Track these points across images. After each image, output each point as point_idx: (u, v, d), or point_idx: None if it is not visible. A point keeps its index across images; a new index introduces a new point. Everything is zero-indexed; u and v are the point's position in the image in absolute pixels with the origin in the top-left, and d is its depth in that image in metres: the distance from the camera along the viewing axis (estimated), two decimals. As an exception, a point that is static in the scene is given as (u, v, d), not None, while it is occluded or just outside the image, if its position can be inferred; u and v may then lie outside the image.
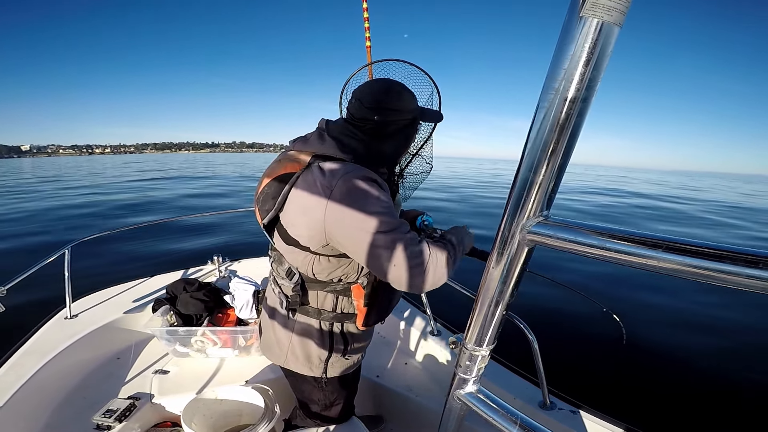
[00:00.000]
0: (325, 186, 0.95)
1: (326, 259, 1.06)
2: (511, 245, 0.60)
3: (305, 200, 0.99)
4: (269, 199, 1.06)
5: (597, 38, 0.45)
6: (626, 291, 5.36)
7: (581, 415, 1.46)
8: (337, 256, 1.06)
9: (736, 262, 0.41)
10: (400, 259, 0.91)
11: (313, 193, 0.97)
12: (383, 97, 1.07)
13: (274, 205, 1.04)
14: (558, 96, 0.49)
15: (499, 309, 0.67)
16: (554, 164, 0.53)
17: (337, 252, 1.04)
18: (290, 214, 1.03)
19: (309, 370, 1.23)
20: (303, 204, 0.99)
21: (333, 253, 1.05)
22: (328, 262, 1.07)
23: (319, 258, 1.06)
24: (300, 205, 1.00)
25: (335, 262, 1.07)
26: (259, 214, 1.12)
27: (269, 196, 1.06)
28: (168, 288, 2.25)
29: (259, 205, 1.10)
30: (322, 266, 1.07)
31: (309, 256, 1.06)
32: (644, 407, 3.00)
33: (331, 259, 1.06)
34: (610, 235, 0.50)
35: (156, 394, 1.75)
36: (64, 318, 2.09)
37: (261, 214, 1.11)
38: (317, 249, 1.04)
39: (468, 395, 0.78)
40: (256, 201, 1.12)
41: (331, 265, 1.08)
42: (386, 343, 2.28)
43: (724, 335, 4.26)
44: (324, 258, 1.06)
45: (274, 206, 1.04)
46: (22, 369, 1.63)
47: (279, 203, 1.03)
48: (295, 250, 1.07)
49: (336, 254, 1.05)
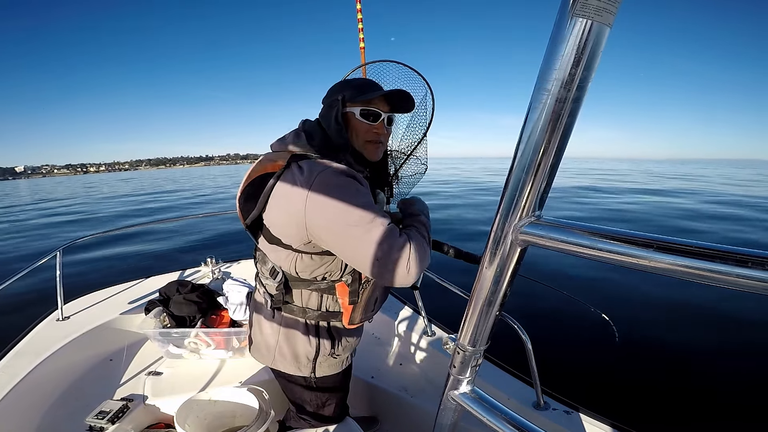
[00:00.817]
0: (304, 183, 0.96)
1: (309, 257, 1.06)
2: (504, 245, 0.60)
3: (286, 198, 0.99)
4: (251, 199, 1.06)
5: (587, 39, 0.45)
6: (618, 289, 5.39)
7: (575, 415, 1.46)
8: (319, 254, 1.06)
9: (726, 261, 0.41)
10: (381, 252, 0.91)
11: (293, 191, 0.97)
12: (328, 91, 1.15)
13: (256, 204, 1.05)
14: (549, 96, 0.49)
15: (492, 309, 0.68)
16: (546, 164, 0.53)
17: (319, 249, 1.04)
18: (272, 213, 1.04)
19: (297, 369, 1.22)
20: (284, 202, 1.00)
21: (315, 251, 1.05)
22: (311, 260, 1.07)
23: (302, 256, 1.06)
24: (281, 203, 1.01)
25: (318, 259, 1.07)
26: (242, 214, 1.12)
27: (251, 196, 1.06)
28: (161, 290, 2.24)
29: (241, 205, 1.11)
30: (305, 264, 1.07)
31: (291, 254, 1.06)
32: (638, 407, 3.02)
33: (314, 257, 1.06)
34: (602, 235, 0.51)
35: (149, 395, 1.74)
36: (56, 320, 2.07)
37: (243, 215, 1.11)
38: (299, 246, 1.04)
39: (462, 396, 0.78)
40: (238, 202, 1.13)
41: (314, 263, 1.08)
42: (381, 344, 2.28)
43: (718, 331, 4.29)
44: (306, 256, 1.06)
45: (255, 206, 1.05)
46: (14, 371, 1.62)
47: (261, 203, 1.04)
48: (278, 249, 1.07)
49: (318, 252, 1.05)
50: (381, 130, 1.14)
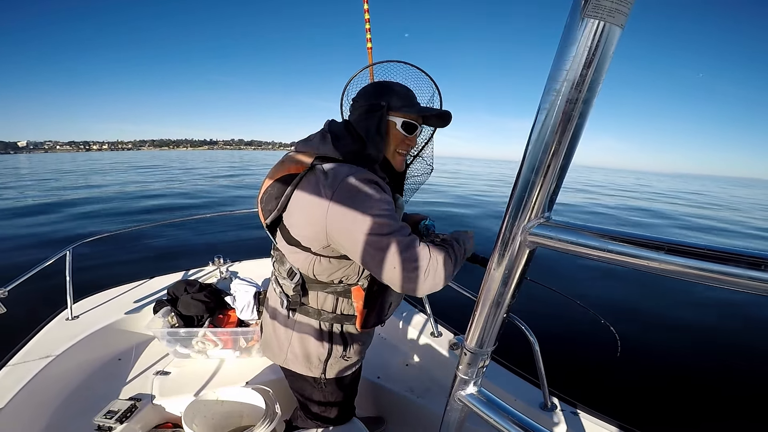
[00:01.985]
0: (327, 187, 0.96)
1: (327, 260, 1.06)
2: (512, 247, 0.60)
3: (307, 201, 0.99)
4: (272, 199, 1.07)
5: (599, 40, 0.45)
6: (625, 294, 5.35)
7: (582, 416, 1.46)
8: (337, 258, 1.06)
9: (738, 264, 0.41)
10: (399, 261, 0.91)
11: (315, 195, 0.97)
12: (362, 92, 1.13)
13: (277, 205, 1.05)
14: (559, 97, 0.49)
15: (500, 310, 0.67)
16: (556, 166, 0.53)
17: (337, 253, 1.05)
18: (293, 214, 1.04)
19: (308, 370, 1.23)
20: (305, 205, 1.00)
21: (334, 255, 1.05)
22: (329, 264, 1.07)
23: (320, 259, 1.06)
24: (302, 206, 1.01)
25: (336, 263, 1.07)
26: (262, 214, 1.13)
27: (272, 196, 1.07)
28: (169, 289, 2.25)
29: (263, 205, 1.11)
30: (323, 267, 1.08)
31: (310, 256, 1.06)
32: (645, 409, 2.99)
33: (332, 261, 1.07)
34: (612, 237, 0.50)
35: (157, 395, 1.75)
36: (66, 319, 2.09)
37: (264, 214, 1.12)
38: (318, 250, 1.04)
39: (469, 396, 0.77)
40: (259, 201, 1.13)
41: (331, 267, 1.08)
42: (387, 345, 2.27)
43: (723, 335, 4.25)
44: (325, 259, 1.06)
45: (276, 206, 1.06)
46: (24, 370, 1.63)
47: (282, 204, 1.04)
48: (297, 251, 1.07)
49: (337, 256, 1.06)
50: (414, 142, 1.16)
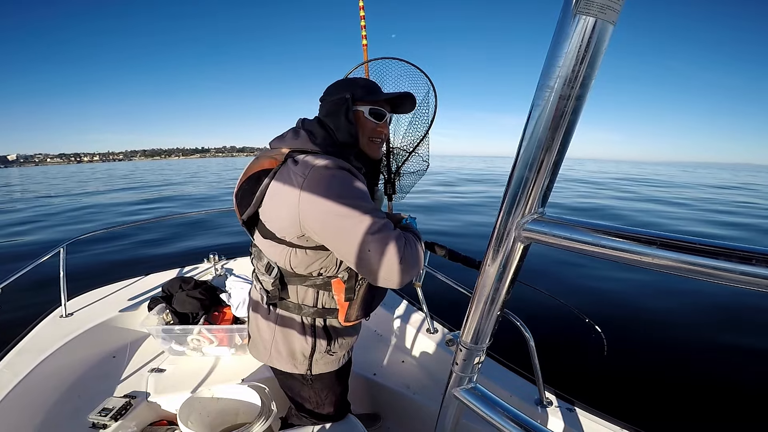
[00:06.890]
0: (299, 175, 0.96)
1: (303, 251, 1.06)
2: (506, 242, 0.60)
3: (281, 192, 0.99)
4: (248, 195, 1.07)
5: (591, 36, 0.45)
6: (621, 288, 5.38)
7: (577, 412, 1.46)
8: (314, 249, 1.06)
9: (730, 258, 0.41)
10: (373, 246, 0.91)
11: (287, 184, 0.98)
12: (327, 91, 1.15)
13: (253, 200, 1.05)
14: (553, 94, 0.49)
15: (495, 306, 0.68)
16: (549, 162, 0.53)
17: (313, 243, 1.04)
18: (267, 208, 1.04)
19: (293, 367, 1.22)
20: (279, 196, 1.00)
21: (309, 245, 1.05)
22: (306, 255, 1.06)
23: (296, 251, 1.06)
24: (276, 198, 1.01)
25: (312, 254, 1.07)
26: (238, 210, 1.13)
27: (247, 192, 1.07)
28: (164, 286, 2.24)
29: (238, 201, 1.11)
30: (299, 259, 1.07)
31: (286, 249, 1.06)
32: (641, 404, 3.01)
33: (309, 252, 1.06)
34: (606, 232, 0.51)
35: (152, 392, 1.75)
36: (60, 316, 2.08)
37: (240, 211, 1.12)
38: (293, 240, 1.04)
39: (465, 392, 0.78)
40: (235, 198, 1.13)
41: (308, 258, 1.07)
42: (383, 341, 2.28)
43: (719, 329, 4.29)
44: (301, 250, 1.06)
45: (252, 202, 1.05)
46: (18, 367, 1.63)
47: (257, 198, 1.04)
48: (273, 244, 1.07)
49: (313, 246, 1.05)
50: (385, 129, 1.16)
